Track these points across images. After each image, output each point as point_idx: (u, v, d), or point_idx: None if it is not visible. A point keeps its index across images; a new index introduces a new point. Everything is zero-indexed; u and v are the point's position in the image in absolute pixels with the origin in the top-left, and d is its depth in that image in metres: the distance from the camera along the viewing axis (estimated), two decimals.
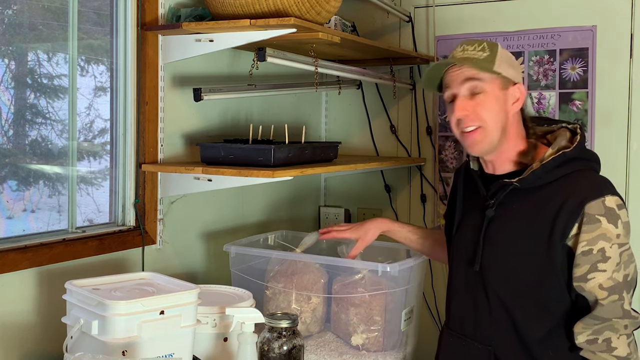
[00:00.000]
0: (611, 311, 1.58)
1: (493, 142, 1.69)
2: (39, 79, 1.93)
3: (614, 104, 2.55)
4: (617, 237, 1.57)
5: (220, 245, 2.23)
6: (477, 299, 1.74)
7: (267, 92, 2.46)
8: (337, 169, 2.26)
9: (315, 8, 1.97)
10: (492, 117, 1.68)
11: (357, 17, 2.93)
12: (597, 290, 1.58)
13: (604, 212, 1.58)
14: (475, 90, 1.68)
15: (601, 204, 1.58)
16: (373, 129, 3.01)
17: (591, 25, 2.58)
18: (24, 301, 1.77)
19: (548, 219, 1.62)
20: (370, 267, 2.02)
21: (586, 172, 1.67)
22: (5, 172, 1.84)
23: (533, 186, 1.66)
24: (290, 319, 1.64)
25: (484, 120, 1.68)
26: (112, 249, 1.99)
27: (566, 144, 1.68)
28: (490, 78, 1.68)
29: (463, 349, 1.78)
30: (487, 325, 1.72)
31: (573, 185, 1.63)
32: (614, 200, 1.60)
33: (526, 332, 1.67)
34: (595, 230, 1.57)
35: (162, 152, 2.15)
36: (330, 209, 3.06)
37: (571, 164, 1.66)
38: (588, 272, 1.58)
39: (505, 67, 1.69)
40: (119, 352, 1.47)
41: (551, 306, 1.66)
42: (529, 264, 1.65)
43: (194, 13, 2.10)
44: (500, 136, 1.69)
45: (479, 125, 1.68)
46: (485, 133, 1.68)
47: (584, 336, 1.60)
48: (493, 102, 1.68)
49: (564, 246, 1.61)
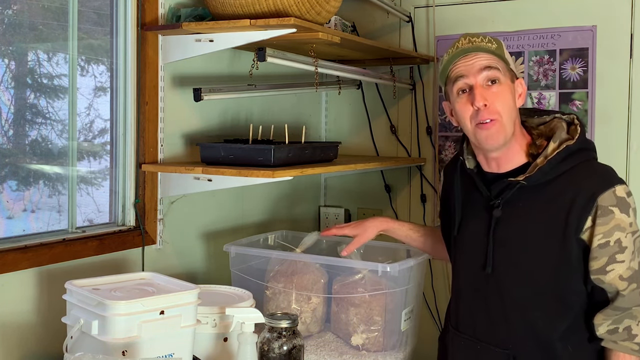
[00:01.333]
0: (632, 300, 1.58)
1: (507, 136, 1.65)
2: (39, 79, 1.93)
3: (614, 104, 2.55)
4: (630, 225, 1.58)
5: (220, 245, 2.23)
6: (489, 301, 1.71)
7: (267, 92, 2.46)
8: (337, 169, 2.26)
9: (315, 8, 1.97)
10: (507, 109, 1.64)
11: (357, 17, 2.93)
12: (617, 282, 1.58)
13: (616, 203, 1.57)
14: (492, 78, 1.64)
15: (612, 195, 1.58)
16: (373, 129, 3.01)
17: (591, 25, 2.58)
18: (24, 301, 1.77)
19: (560, 214, 1.60)
20: (370, 267, 2.02)
21: (590, 162, 1.66)
22: (5, 172, 1.84)
23: (539, 183, 1.63)
24: (290, 319, 1.64)
25: (499, 112, 1.63)
26: (112, 249, 1.99)
27: (567, 137, 1.66)
28: (504, 69, 1.66)
29: (478, 352, 1.74)
30: (504, 328, 1.69)
31: (581, 178, 1.61)
32: (623, 189, 1.60)
33: (545, 331, 1.65)
34: (610, 222, 1.56)
35: (162, 152, 2.15)
36: (330, 209, 3.06)
37: (575, 156, 1.64)
38: (607, 264, 1.58)
39: (511, 61, 1.69)
40: (119, 352, 1.47)
41: (570, 302, 1.65)
42: (544, 262, 1.63)
43: (194, 13, 2.10)
44: (513, 130, 1.66)
45: (494, 118, 1.63)
46: (500, 126, 1.64)
47: (604, 327, 1.60)
48: (508, 94, 1.65)
49: (578, 240, 1.60)
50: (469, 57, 1.66)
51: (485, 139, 1.65)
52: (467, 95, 1.66)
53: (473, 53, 1.66)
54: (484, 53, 1.65)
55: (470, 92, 1.65)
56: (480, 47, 1.65)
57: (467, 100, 1.66)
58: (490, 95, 1.63)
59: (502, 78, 1.65)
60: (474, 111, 1.64)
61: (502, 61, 1.66)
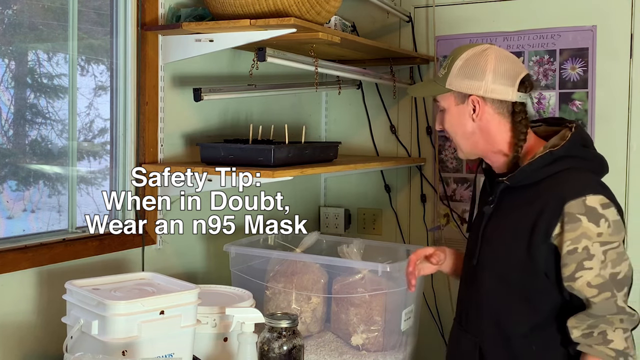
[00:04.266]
0: (605, 308, 1.58)
1: (466, 151, 1.80)
2: (39, 78, 1.93)
3: (614, 104, 2.55)
4: (597, 235, 1.57)
5: (220, 245, 2.23)
6: (472, 292, 1.80)
7: (267, 92, 2.46)
8: (337, 169, 2.26)
9: (315, 8, 1.97)
10: (454, 131, 1.78)
11: (357, 17, 2.92)
12: (585, 289, 1.58)
13: (585, 212, 1.58)
14: (440, 108, 1.80)
15: (581, 204, 1.58)
16: (373, 129, 3.01)
17: (591, 25, 2.58)
18: (24, 301, 1.77)
19: (531, 217, 1.64)
20: (370, 267, 2.02)
21: (574, 170, 1.65)
22: (5, 172, 1.84)
23: (522, 184, 1.68)
24: (290, 319, 1.64)
25: (450, 133, 1.80)
26: (112, 249, 1.99)
27: (557, 143, 1.69)
28: (445, 96, 1.77)
29: (458, 338, 1.85)
30: (476, 318, 1.78)
31: (557, 184, 1.64)
32: (596, 199, 1.59)
33: (508, 327, 1.71)
34: (577, 230, 1.57)
35: (162, 152, 2.15)
36: (330, 209, 3.06)
37: (560, 162, 1.66)
38: (575, 270, 1.59)
39: (458, 81, 1.73)
40: (119, 352, 1.47)
41: (538, 303, 1.68)
42: (512, 261, 1.69)
43: (194, 13, 2.10)
44: (471, 146, 1.78)
45: (451, 137, 1.82)
46: (456, 144, 1.80)
47: (578, 330, 1.61)
48: (451, 118, 1.77)
49: (550, 245, 1.62)
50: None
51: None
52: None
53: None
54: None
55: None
56: (422, 84, 1.95)
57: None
58: (441, 120, 1.81)
59: (445, 104, 1.78)
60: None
61: (438, 92, 1.78)
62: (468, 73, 1.71)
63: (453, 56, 1.76)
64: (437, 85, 1.77)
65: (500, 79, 1.69)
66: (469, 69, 1.71)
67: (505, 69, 1.70)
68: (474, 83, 1.70)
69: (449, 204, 2.86)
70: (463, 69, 1.72)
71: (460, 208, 2.84)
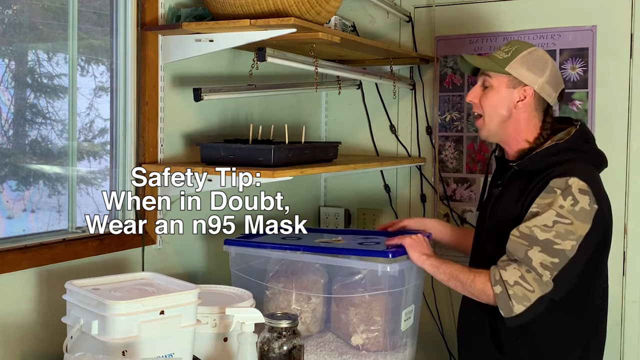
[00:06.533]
0: (515, 249, 1.73)
1: (491, 131, 1.93)
2: (39, 78, 1.93)
3: (614, 104, 2.55)
4: (560, 207, 1.72)
5: (220, 245, 2.23)
6: (480, 264, 1.89)
7: (267, 92, 2.46)
8: (337, 169, 2.26)
9: (315, 8, 1.97)
10: (492, 109, 1.90)
11: (357, 17, 2.93)
12: (514, 231, 1.75)
13: (563, 188, 1.74)
14: (485, 84, 1.92)
15: (564, 182, 1.74)
16: (373, 129, 3.01)
17: (591, 25, 2.58)
18: (24, 301, 1.77)
19: (526, 194, 1.80)
20: (370, 267, 2.02)
21: (575, 161, 1.81)
22: (5, 172, 1.84)
23: (528, 170, 1.85)
24: (290, 319, 1.64)
25: (484, 111, 1.92)
26: (112, 249, 1.99)
27: (562, 137, 1.86)
28: (499, 76, 1.89)
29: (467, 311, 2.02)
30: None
31: (555, 170, 1.78)
32: (578, 183, 1.74)
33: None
34: (548, 199, 1.74)
35: (162, 152, 2.15)
36: (330, 209, 3.06)
37: (564, 154, 1.82)
38: (524, 222, 1.75)
39: (520, 69, 1.86)
40: (119, 352, 1.47)
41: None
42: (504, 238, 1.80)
43: (194, 13, 2.10)
44: (499, 128, 1.91)
45: (480, 114, 1.94)
46: (484, 122, 1.93)
47: (500, 261, 1.78)
48: (495, 97, 1.90)
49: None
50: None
51: (478, 129, 1.98)
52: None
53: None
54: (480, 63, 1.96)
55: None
56: (484, 57, 1.96)
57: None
58: (479, 95, 1.93)
59: (495, 82, 1.89)
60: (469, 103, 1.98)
61: (498, 72, 1.88)
62: (530, 66, 1.87)
63: (517, 46, 1.90)
64: (496, 64, 1.89)
65: (552, 82, 1.89)
66: (532, 63, 1.87)
67: (557, 75, 1.92)
68: (534, 77, 1.87)
69: (449, 204, 2.86)
70: (527, 60, 1.87)
71: (460, 208, 2.84)
